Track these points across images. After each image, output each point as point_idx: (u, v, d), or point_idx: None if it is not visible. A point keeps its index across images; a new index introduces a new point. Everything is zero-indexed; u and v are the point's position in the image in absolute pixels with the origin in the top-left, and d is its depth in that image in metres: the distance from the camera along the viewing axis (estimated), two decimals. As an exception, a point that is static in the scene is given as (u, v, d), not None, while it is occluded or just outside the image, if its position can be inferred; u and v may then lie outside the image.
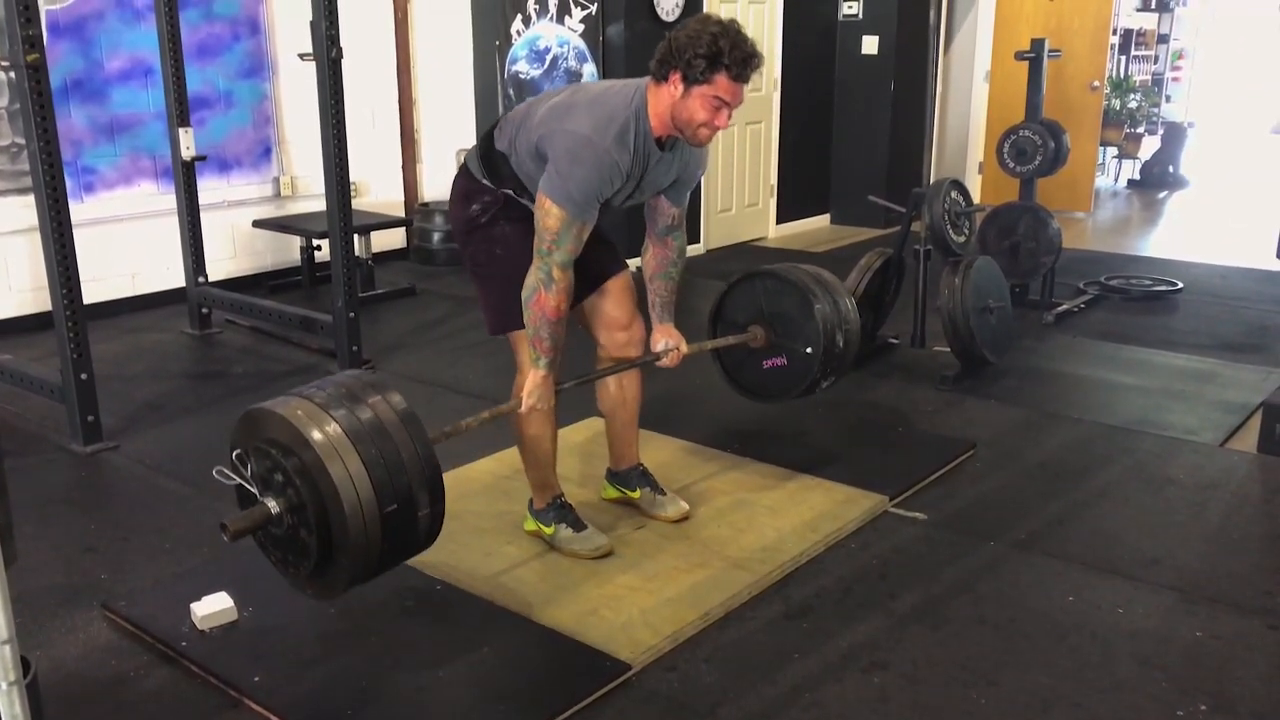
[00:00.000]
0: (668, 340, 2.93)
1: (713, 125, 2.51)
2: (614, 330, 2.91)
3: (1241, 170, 11.09)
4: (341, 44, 4.27)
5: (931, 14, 4.62)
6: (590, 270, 2.80)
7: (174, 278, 5.54)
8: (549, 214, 2.52)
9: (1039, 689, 2.34)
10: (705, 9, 6.62)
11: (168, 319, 5.34)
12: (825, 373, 3.22)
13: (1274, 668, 2.42)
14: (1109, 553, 2.96)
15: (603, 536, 2.91)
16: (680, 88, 2.48)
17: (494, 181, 2.74)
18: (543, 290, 2.56)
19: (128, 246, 5.46)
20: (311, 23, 4.21)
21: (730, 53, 2.43)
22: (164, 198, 5.47)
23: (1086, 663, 2.44)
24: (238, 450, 2.19)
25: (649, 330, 2.98)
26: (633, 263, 3.03)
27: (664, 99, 2.52)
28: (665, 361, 2.93)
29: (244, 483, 2.18)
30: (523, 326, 2.66)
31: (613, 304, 2.90)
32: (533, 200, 2.62)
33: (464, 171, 2.83)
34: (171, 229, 5.34)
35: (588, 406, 3.25)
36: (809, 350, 3.17)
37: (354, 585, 2.20)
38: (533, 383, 2.64)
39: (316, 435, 2.06)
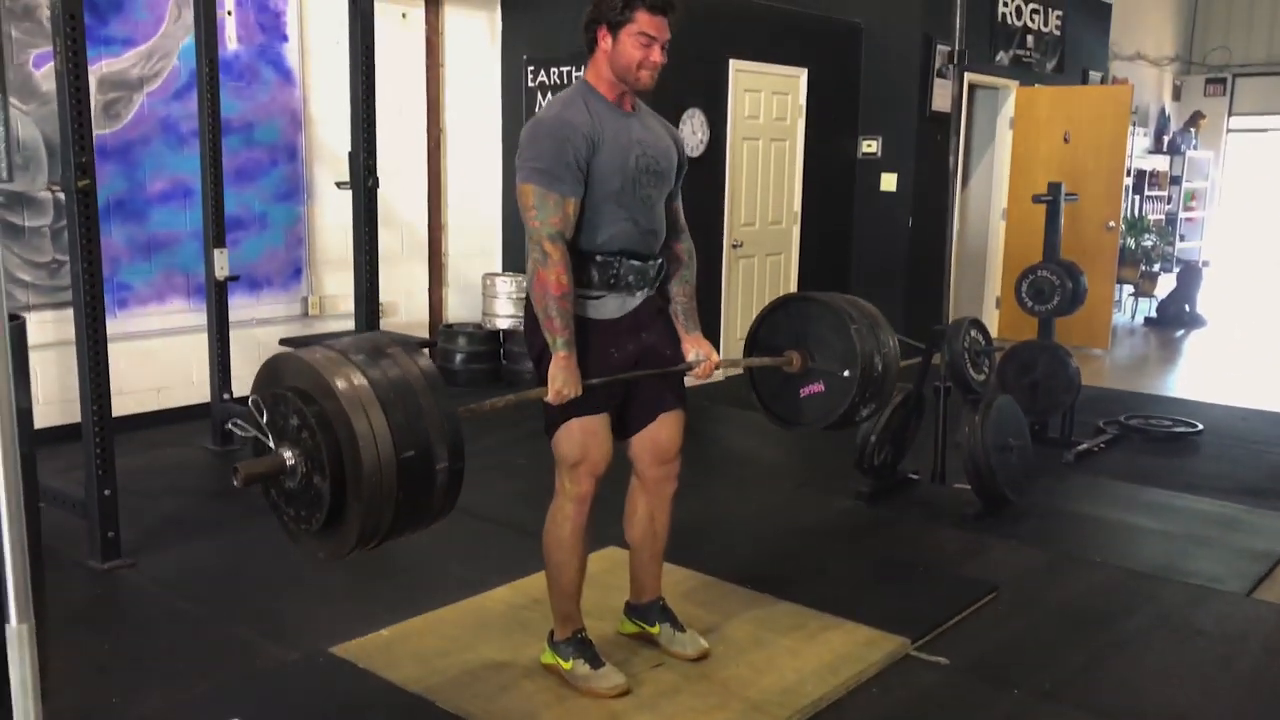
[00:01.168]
0: (699, 350, 2.91)
1: (648, 62, 2.65)
2: (660, 462, 2.92)
3: (1258, 309, 11.17)
4: (377, 173, 4.42)
5: (951, 158, 4.73)
6: (651, 402, 2.86)
7: (198, 393, 5.60)
8: (523, 194, 2.62)
9: None
10: (728, 145, 6.82)
11: (190, 435, 5.38)
12: (864, 398, 3.09)
13: (1312, 836, 2.34)
14: (1137, 705, 2.89)
15: (620, 675, 2.86)
16: (609, 38, 2.64)
17: None
18: (540, 269, 2.61)
19: (155, 362, 5.55)
20: (350, 154, 4.37)
21: None
22: (193, 315, 5.58)
23: (1117, 824, 2.36)
24: (255, 398, 2.14)
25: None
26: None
27: (601, 61, 2.69)
28: (698, 372, 2.90)
29: (259, 434, 2.11)
30: (558, 423, 2.73)
31: (665, 431, 2.90)
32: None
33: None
34: (198, 345, 5.43)
35: (608, 534, 3.24)
36: (846, 374, 3.05)
37: (365, 540, 2.09)
38: (555, 366, 2.62)
39: (340, 384, 2.04)
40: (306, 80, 6.02)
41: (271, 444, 2.10)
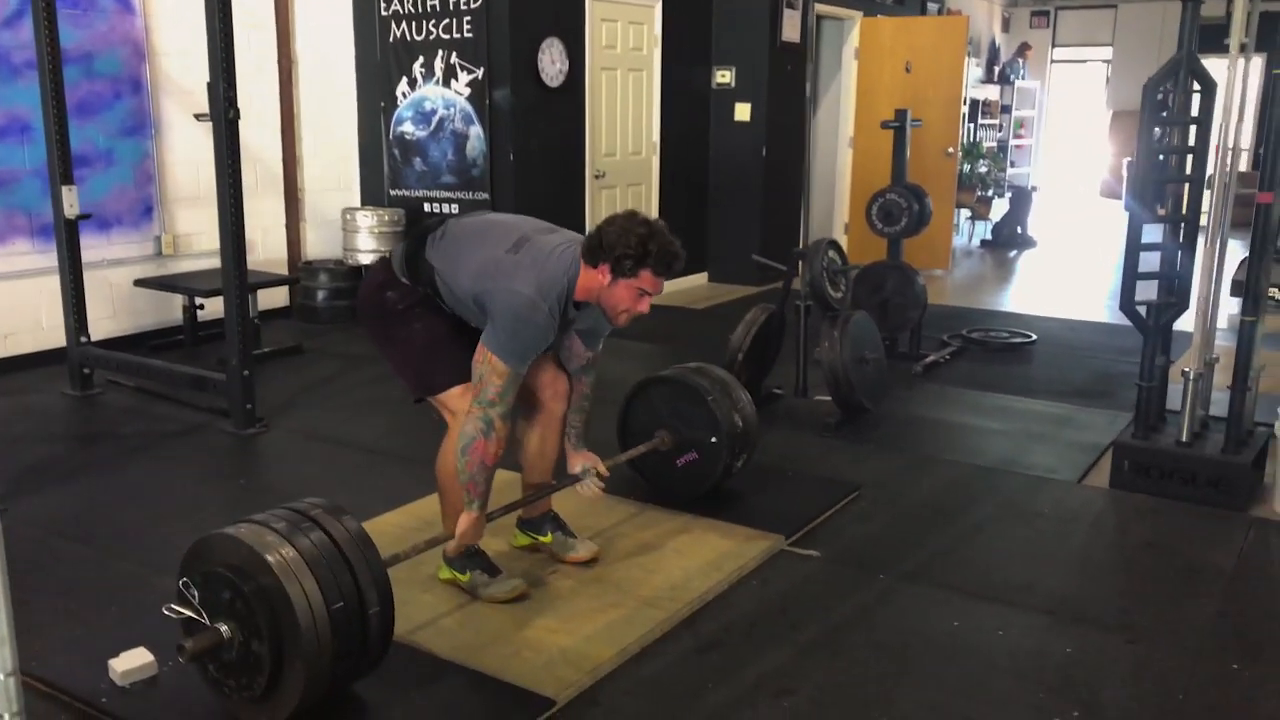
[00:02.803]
0: (585, 463, 3.13)
1: (633, 311, 2.74)
2: (546, 385, 3.08)
3: (1079, 230, 11.95)
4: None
5: (808, 85, 4.93)
6: None
7: (49, 338, 5.41)
8: (494, 369, 2.67)
9: (932, 705, 2.54)
10: (587, 75, 6.87)
11: (44, 380, 5.20)
12: (734, 453, 3.55)
13: (1133, 676, 2.68)
14: (988, 581, 3.21)
15: (517, 579, 3.01)
16: (609, 276, 2.68)
17: (413, 283, 2.88)
18: (482, 438, 2.70)
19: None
20: (209, 84, 4.25)
21: (657, 254, 2.64)
22: (39, 256, 5.36)
23: (973, 680, 2.65)
24: (184, 579, 2.30)
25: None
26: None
27: (592, 281, 2.72)
28: (586, 487, 3.14)
29: (194, 613, 2.28)
30: (446, 388, 2.86)
31: (545, 362, 3.06)
32: (445, 303, 2.84)
33: (385, 265, 2.96)
34: (44, 288, 5.23)
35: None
36: (714, 440, 3.49)
37: (309, 695, 2.24)
38: (466, 522, 2.80)
39: (271, 556, 2.21)
40: (148, 9, 5.77)
41: (206, 621, 2.27)
